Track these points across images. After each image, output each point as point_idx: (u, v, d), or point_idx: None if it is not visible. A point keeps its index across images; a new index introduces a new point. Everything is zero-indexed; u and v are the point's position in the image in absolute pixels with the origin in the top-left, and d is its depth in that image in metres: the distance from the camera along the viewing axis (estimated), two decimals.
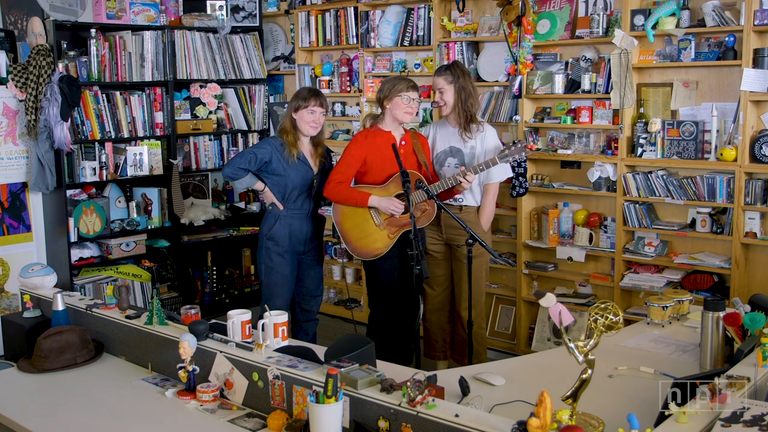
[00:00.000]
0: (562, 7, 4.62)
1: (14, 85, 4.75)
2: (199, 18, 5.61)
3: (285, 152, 3.96)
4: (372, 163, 3.97)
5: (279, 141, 4.00)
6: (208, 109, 5.68)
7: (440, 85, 4.09)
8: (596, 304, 2.21)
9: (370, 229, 3.95)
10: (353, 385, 2.20)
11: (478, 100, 4.18)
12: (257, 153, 3.96)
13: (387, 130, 4.02)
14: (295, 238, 4.02)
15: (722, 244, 4.21)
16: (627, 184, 4.37)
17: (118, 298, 3.12)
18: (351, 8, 5.58)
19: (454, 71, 4.07)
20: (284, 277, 4.04)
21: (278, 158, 3.95)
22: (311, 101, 3.94)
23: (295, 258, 4.08)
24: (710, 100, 4.21)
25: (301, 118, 3.95)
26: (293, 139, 3.97)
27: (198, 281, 5.81)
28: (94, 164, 5.08)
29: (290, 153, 3.95)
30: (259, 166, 3.97)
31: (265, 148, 3.98)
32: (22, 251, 4.93)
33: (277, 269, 4.02)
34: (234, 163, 3.98)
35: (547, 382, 2.19)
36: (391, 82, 4.00)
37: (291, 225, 4.01)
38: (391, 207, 3.89)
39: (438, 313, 4.32)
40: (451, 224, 4.07)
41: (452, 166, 4.12)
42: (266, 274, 4.05)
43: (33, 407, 2.62)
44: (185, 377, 2.60)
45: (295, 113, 3.97)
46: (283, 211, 4.00)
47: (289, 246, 4.02)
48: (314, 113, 3.94)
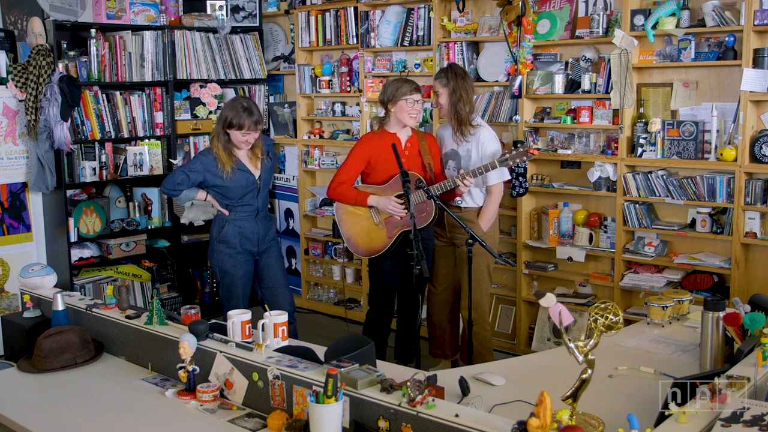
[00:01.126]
0: (562, 7, 4.62)
1: (14, 85, 4.75)
2: (199, 18, 5.61)
3: (218, 168, 3.87)
4: (376, 164, 4.01)
5: (211, 156, 3.90)
6: (208, 109, 5.68)
7: (436, 87, 4.15)
8: (596, 304, 2.21)
9: (370, 227, 4.01)
10: (353, 385, 2.20)
11: (473, 103, 4.16)
12: (189, 174, 3.90)
13: (392, 132, 4.05)
14: (247, 239, 4.00)
15: (722, 244, 4.20)
16: (627, 184, 4.37)
17: (118, 298, 3.12)
18: (351, 8, 5.58)
19: (448, 74, 4.09)
20: (239, 278, 4.01)
21: (212, 175, 3.89)
22: (245, 124, 3.80)
23: (249, 259, 4.05)
24: (710, 100, 4.21)
25: (235, 136, 3.87)
26: (226, 156, 3.87)
27: (198, 281, 5.81)
28: (94, 164, 5.08)
29: (224, 169, 3.86)
30: (194, 185, 3.93)
31: (196, 170, 3.90)
32: (22, 251, 4.93)
33: (231, 271, 4.00)
34: (168, 183, 3.94)
35: (547, 382, 2.19)
36: (395, 85, 4.00)
37: (241, 227, 3.98)
38: (389, 207, 3.91)
39: (440, 312, 4.35)
40: (452, 224, 4.10)
41: (451, 168, 4.16)
42: (222, 277, 4.04)
43: (33, 407, 2.63)
44: (185, 377, 2.60)
45: (228, 129, 3.85)
46: (231, 214, 3.99)
47: (241, 247, 3.99)
48: (248, 135, 3.86)
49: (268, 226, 4.12)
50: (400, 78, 4.17)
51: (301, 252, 6.09)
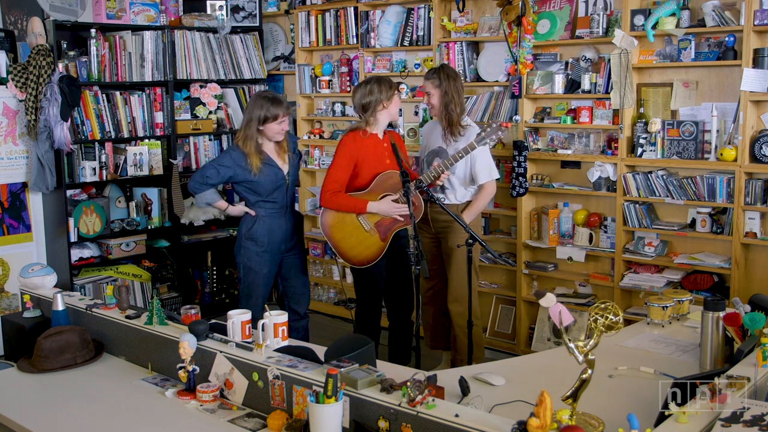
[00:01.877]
0: (562, 7, 4.62)
1: (14, 85, 4.75)
2: (199, 18, 5.61)
3: (247, 163, 3.90)
4: (362, 165, 3.98)
5: (239, 151, 3.93)
6: (208, 109, 5.68)
7: (427, 88, 4.15)
8: (596, 304, 2.21)
9: (362, 236, 3.97)
10: (353, 385, 2.20)
11: (463, 104, 4.17)
12: (219, 169, 3.94)
13: (374, 132, 4.04)
14: (276, 236, 4.03)
15: (722, 244, 4.20)
16: (627, 184, 4.37)
17: (118, 298, 3.12)
18: (351, 8, 5.58)
19: (440, 75, 4.10)
20: (263, 277, 4.05)
21: (242, 169, 3.92)
22: (279, 113, 3.88)
23: (276, 258, 4.08)
24: (710, 100, 4.21)
25: (271, 129, 3.91)
26: (255, 150, 3.91)
27: (198, 281, 5.81)
28: (94, 164, 5.08)
29: (252, 166, 3.89)
30: (224, 180, 3.99)
31: (226, 165, 3.93)
32: (22, 251, 4.93)
33: (256, 269, 4.03)
34: (197, 177, 3.99)
35: (547, 382, 2.19)
36: (383, 85, 3.98)
37: (270, 224, 4.02)
38: (393, 210, 3.90)
39: (431, 306, 4.39)
40: (439, 219, 4.12)
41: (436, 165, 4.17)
42: (245, 274, 4.07)
43: (33, 407, 2.63)
44: (185, 377, 2.60)
45: (262, 125, 3.90)
46: (261, 210, 4.01)
47: (268, 246, 4.02)
48: (283, 123, 3.92)
49: (295, 223, 4.15)
50: (376, 78, 4.06)
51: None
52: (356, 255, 3.99)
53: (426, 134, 4.35)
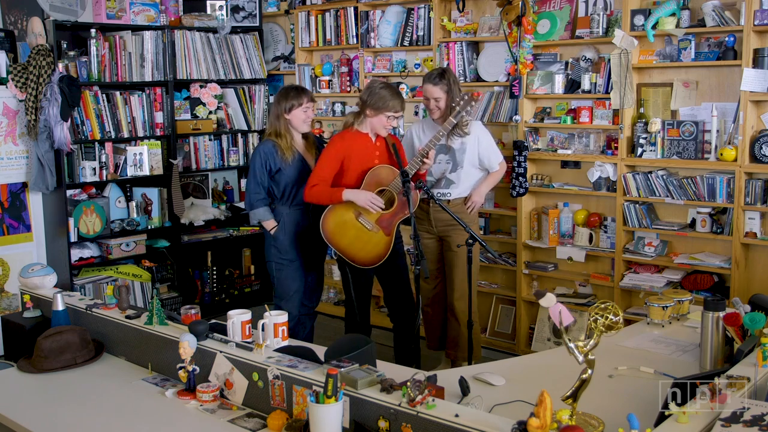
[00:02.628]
0: (562, 7, 4.62)
1: (14, 85, 4.75)
2: (199, 18, 5.61)
3: (278, 155, 3.99)
4: (349, 163, 3.95)
5: (269, 144, 4.02)
6: (208, 109, 5.68)
7: (436, 94, 4.13)
8: (596, 304, 2.21)
9: (367, 236, 3.94)
10: (353, 385, 2.20)
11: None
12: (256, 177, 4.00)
13: (365, 132, 4.01)
14: (301, 231, 4.08)
15: (722, 244, 4.20)
16: (627, 184, 4.37)
17: (118, 298, 3.12)
18: (351, 8, 5.58)
19: (449, 81, 4.11)
20: (296, 270, 4.11)
21: (273, 160, 4.00)
22: (303, 99, 4.00)
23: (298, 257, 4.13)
24: (710, 100, 4.21)
25: (296, 117, 4.00)
26: (288, 143, 4.01)
27: (198, 281, 5.81)
28: (94, 164, 5.08)
29: (284, 156, 3.98)
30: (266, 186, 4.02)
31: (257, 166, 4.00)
32: (22, 251, 4.93)
33: (290, 265, 4.09)
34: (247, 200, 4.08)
35: (547, 382, 2.19)
36: (384, 94, 3.90)
37: (295, 220, 4.07)
38: (369, 200, 3.83)
39: (435, 306, 4.41)
40: (441, 218, 4.13)
41: (443, 162, 4.20)
42: (278, 270, 4.12)
43: (33, 407, 2.62)
44: (185, 377, 2.60)
45: (288, 114, 4.00)
46: (284, 208, 4.06)
47: (293, 244, 4.08)
48: (308, 110, 4.02)
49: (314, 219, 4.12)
50: (389, 86, 4.02)
51: None
52: (366, 255, 3.96)
53: (416, 134, 4.32)
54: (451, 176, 4.20)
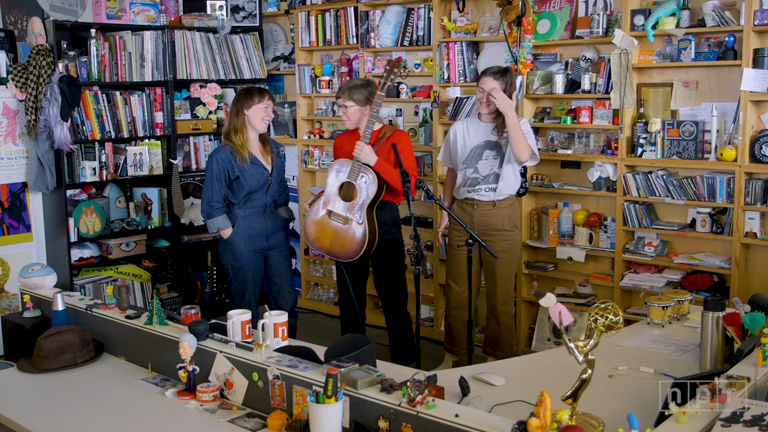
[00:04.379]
0: (562, 7, 4.62)
1: (14, 85, 4.75)
2: (199, 18, 5.61)
3: (237, 159, 4.02)
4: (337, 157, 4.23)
5: (226, 151, 4.04)
6: (208, 109, 5.68)
7: (494, 86, 4.06)
8: (596, 304, 2.21)
9: (342, 232, 4.06)
10: (353, 385, 2.20)
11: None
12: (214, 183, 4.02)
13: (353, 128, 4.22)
14: (256, 235, 4.12)
15: (722, 244, 4.20)
16: (627, 184, 4.37)
17: (118, 298, 3.12)
18: (351, 8, 5.58)
19: (507, 76, 4.10)
20: (250, 275, 4.16)
21: (230, 165, 4.02)
22: (264, 96, 4.07)
23: (259, 255, 4.18)
24: (710, 100, 4.21)
25: (255, 114, 4.05)
26: (243, 141, 4.04)
27: (198, 281, 5.81)
28: (94, 164, 5.08)
29: (242, 157, 4.02)
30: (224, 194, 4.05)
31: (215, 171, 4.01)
32: (22, 251, 4.93)
33: (242, 269, 4.14)
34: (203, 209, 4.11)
35: (547, 382, 2.19)
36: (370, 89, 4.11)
37: (250, 224, 4.11)
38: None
39: (463, 310, 4.33)
40: (484, 222, 4.18)
41: (490, 158, 4.18)
42: (234, 274, 4.18)
43: (33, 407, 2.62)
44: (185, 377, 2.60)
45: (248, 110, 4.05)
46: (240, 212, 4.10)
47: (249, 244, 4.11)
48: (268, 108, 4.09)
49: (276, 221, 4.21)
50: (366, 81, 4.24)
51: (301, 252, 6.09)
52: (348, 249, 4.08)
53: (462, 133, 4.28)
54: (499, 171, 4.17)
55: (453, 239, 4.30)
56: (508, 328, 4.31)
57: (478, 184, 4.19)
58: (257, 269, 4.19)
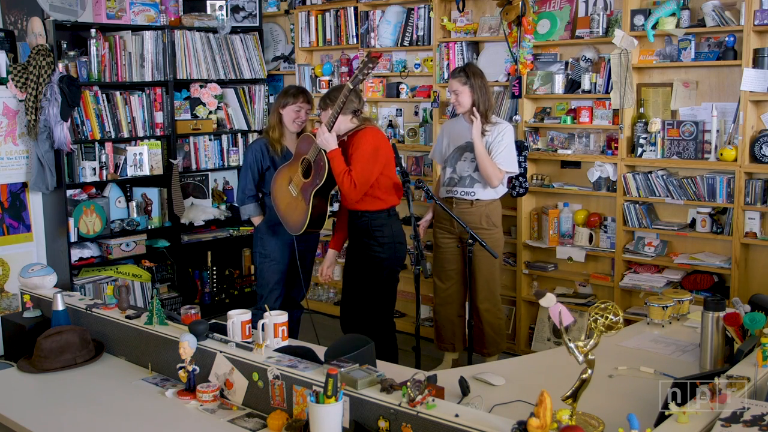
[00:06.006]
0: (562, 7, 4.62)
1: (14, 85, 4.75)
2: (199, 18, 5.61)
3: (270, 151, 4.16)
4: None
5: (263, 142, 4.20)
6: (208, 109, 5.68)
7: (455, 86, 4.12)
8: (596, 304, 2.21)
9: (294, 202, 3.95)
10: (353, 385, 2.20)
11: (492, 99, 4.25)
12: (248, 172, 4.19)
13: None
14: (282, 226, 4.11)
15: (722, 244, 4.20)
16: (627, 184, 4.37)
17: (118, 298, 3.12)
18: (351, 8, 5.58)
19: (467, 73, 4.11)
20: (277, 264, 4.23)
21: (264, 157, 4.16)
22: (299, 98, 4.13)
23: (286, 248, 4.24)
24: (710, 100, 4.21)
25: (287, 114, 4.13)
26: (278, 135, 4.15)
27: (198, 281, 5.81)
28: (94, 164, 5.08)
29: (275, 149, 4.13)
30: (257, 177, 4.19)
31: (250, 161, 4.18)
32: (22, 251, 4.93)
33: (271, 256, 4.22)
34: (238, 195, 4.28)
35: (547, 382, 2.19)
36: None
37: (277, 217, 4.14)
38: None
39: (448, 306, 4.40)
40: (464, 220, 4.11)
41: (468, 160, 4.17)
42: (260, 262, 4.28)
43: (33, 407, 2.62)
44: (185, 377, 2.60)
45: (282, 109, 4.13)
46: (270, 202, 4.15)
47: (277, 234, 4.18)
48: (300, 110, 4.13)
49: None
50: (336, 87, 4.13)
51: None
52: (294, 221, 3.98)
53: (447, 132, 4.31)
54: (476, 175, 4.17)
55: (437, 237, 4.30)
56: (493, 326, 4.28)
57: (455, 185, 4.20)
58: (283, 259, 4.25)
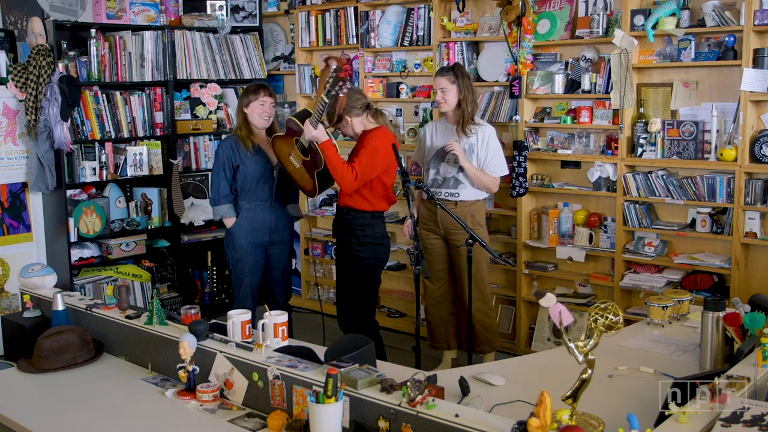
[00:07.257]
0: (562, 7, 4.62)
1: (14, 85, 4.75)
2: (199, 18, 5.61)
3: (239, 150, 4.12)
4: None
5: (232, 139, 4.17)
6: (208, 109, 5.68)
7: (443, 84, 4.15)
8: (596, 304, 2.21)
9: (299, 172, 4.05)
10: (353, 385, 2.20)
11: (476, 101, 4.28)
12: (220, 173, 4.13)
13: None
14: (257, 228, 4.15)
15: (722, 244, 4.20)
16: (627, 184, 4.37)
17: (118, 298, 3.12)
18: (351, 8, 5.58)
19: (456, 72, 4.15)
20: (249, 267, 4.19)
21: (234, 156, 4.12)
22: (260, 93, 4.10)
23: (260, 249, 4.21)
24: (710, 100, 4.21)
25: (252, 111, 4.11)
26: (246, 132, 4.13)
27: (198, 281, 5.81)
28: (94, 164, 5.08)
29: (246, 146, 4.10)
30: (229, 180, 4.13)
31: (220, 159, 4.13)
32: (22, 251, 4.93)
33: (242, 260, 4.18)
34: (212, 196, 4.21)
35: (547, 382, 2.19)
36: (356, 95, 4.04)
37: (253, 216, 4.16)
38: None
39: (439, 306, 4.43)
40: (447, 220, 4.13)
41: (452, 161, 4.18)
42: (233, 265, 4.24)
43: (33, 407, 2.63)
44: (185, 377, 2.60)
45: (246, 108, 4.13)
46: (245, 204, 4.15)
47: (250, 236, 4.15)
48: (264, 104, 4.11)
49: (281, 217, 4.24)
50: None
51: (301, 252, 6.08)
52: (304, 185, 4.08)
53: (429, 133, 4.34)
54: (459, 176, 4.19)
55: (423, 238, 4.29)
56: (484, 325, 4.30)
57: (439, 187, 4.22)
58: (256, 262, 4.21)
